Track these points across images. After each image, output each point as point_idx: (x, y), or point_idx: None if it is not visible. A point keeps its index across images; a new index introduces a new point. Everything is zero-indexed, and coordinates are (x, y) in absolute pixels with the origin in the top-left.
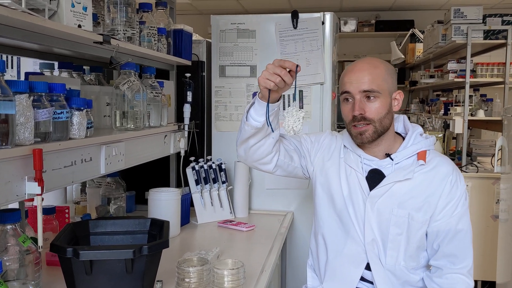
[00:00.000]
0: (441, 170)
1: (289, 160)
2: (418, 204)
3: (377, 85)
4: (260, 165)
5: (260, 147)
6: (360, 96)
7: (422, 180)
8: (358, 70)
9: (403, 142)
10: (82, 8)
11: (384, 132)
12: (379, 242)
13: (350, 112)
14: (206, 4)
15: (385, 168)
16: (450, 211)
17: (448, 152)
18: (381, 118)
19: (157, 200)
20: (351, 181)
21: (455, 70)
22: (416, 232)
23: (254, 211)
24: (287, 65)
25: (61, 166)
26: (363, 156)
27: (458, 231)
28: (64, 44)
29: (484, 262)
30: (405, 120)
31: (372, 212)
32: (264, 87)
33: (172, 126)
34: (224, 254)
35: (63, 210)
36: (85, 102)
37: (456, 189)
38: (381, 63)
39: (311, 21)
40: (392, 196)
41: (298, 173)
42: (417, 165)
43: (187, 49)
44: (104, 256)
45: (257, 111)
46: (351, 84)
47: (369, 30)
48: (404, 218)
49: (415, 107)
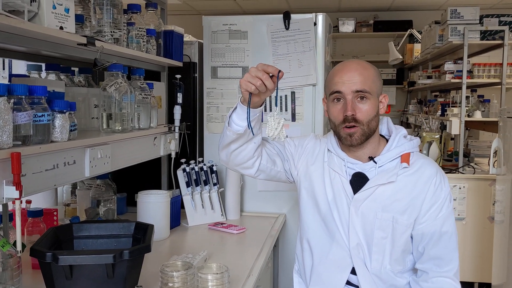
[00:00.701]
0: (425, 172)
1: (271, 165)
2: (402, 207)
3: (369, 86)
4: (242, 169)
5: (241, 151)
6: (351, 96)
7: (406, 183)
8: (349, 70)
9: (387, 144)
10: (64, 9)
11: (371, 135)
12: (364, 246)
13: (340, 112)
14: (204, 5)
15: (368, 171)
16: (434, 214)
17: (446, 153)
18: (369, 120)
19: (145, 202)
20: (335, 185)
21: (452, 71)
22: (401, 236)
23: (246, 213)
24: (269, 70)
25: (42, 169)
26: (347, 160)
27: (443, 233)
28: (47, 46)
29: (481, 263)
30: (389, 122)
31: (357, 216)
32: (245, 90)
33: (162, 128)
34: (212, 257)
35: (51, 213)
36: (67, 105)
37: (440, 191)
38: (370, 65)
39: (303, 22)
40: (376, 200)
41: (281, 177)
42: (400, 168)
43: (178, 50)
44: (83, 261)
45: (239, 116)
46: (343, 84)
47: (368, 31)
48: (388, 222)
49: (413, 108)
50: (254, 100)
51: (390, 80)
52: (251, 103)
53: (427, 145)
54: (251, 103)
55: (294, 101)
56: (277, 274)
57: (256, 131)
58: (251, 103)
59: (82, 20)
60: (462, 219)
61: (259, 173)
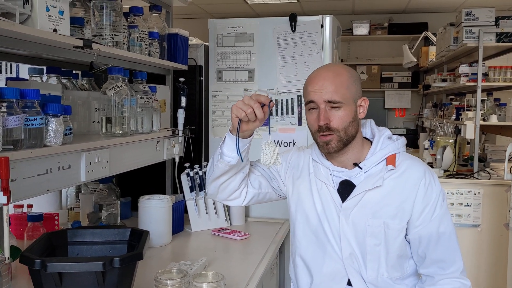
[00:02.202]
0: (412, 174)
1: (258, 188)
2: (392, 211)
3: (341, 94)
4: (230, 201)
5: (230, 183)
6: (324, 105)
7: (393, 186)
8: (320, 78)
9: (371, 148)
10: (58, 12)
11: (350, 141)
12: (358, 256)
13: (315, 121)
14: (217, 8)
15: (355, 178)
16: (428, 215)
17: (462, 157)
18: (345, 127)
19: (147, 207)
20: (323, 195)
21: (467, 74)
22: (394, 241)
23: (251, 218)
24: (261, 99)
25: (34, 174)
26: (332, 168)
27: (441, 234)
28: (43, 49)
29: (496, 271)
30: (372, 125)
31: (347, 225)
32: (236, 116)
33: (166, 132)
34: (213, 264)
35: (52, 217)
36: (62, 108)
37: (431, 191)
38: (345, 70)
39: (310, 24)
40: (365, 206)
41: (272, 197)
42: (386, 171)
43: (183, 54)
44: (72, 269)
45: (228, 147)
46: (315, 93)
47: (382, 33)
48: (379, 228)
49: (428, 112)
50: (243, 129)
51: (405, 84)
52: (240, 131)
53: (441, 149)
54: (240, 131)
55: (300, 105)
56: (283, 282)
57: (246, 160)
58: (240, 131)
59: (83, 23)
60: (477, 225)
61: (247, 200)
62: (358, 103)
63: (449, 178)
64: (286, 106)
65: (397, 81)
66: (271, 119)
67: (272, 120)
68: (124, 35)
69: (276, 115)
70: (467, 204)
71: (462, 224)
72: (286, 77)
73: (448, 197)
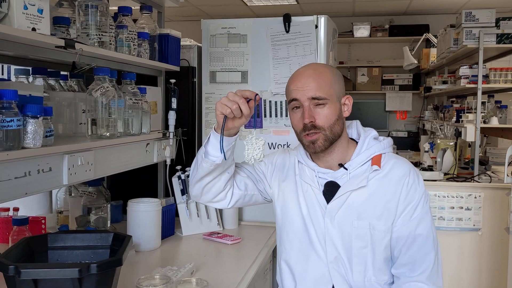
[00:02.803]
0: (397, 172)
1: (244, 191)
2: (378, 212)
3: (325, 91)
4: (215, 203)
5: (215, 184)
6: (308, 103)
7: (378, 187)
8: (303, 76)
9: (356, 148)
10: (36, 10)
11: (336, 139)
12: (344, 259)
13: (300, 121)
14: (216, 10)
15: (340, 179)
16: (408, 215)
17: (463, 160)
18: (331, 125)
19: (135, 211)
20: (308, 198)
21: (467, 76)
22: (380, 242)
23: (245, 222)
24: (247, 94)
25: (11, 177)
26: (317, 170)
27: (417, 236)
28: (23, 49)
29: (497, 276)
30: (358, 125)
31: (333, 227)
32: (221, 112)
33: (156, 134)
34: (201, 270)
35: (39, 221)
36: (41, 110)
37: (414, 191)
38: (327, 68)
39: (304, 24)
40: (350, 207)
41: (258, 200)
42: (371, 171)
43: (175, 54)
44: (47, 275)
45: (213, 146)
46: (298, 91)
47: (383, 35)
48: (365, 230)
49: (429, 114)
50: (229, 126)
51: (406, 86)
52: (225, 128)
53: (441, 152)
54: (225, 128)
55: None
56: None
57: (231, 160)
58: (225, 128)
59: (68, 23)
60: (478, 229)
61: (233, 203)
62: (342, 101)
63: (450, 181)
64: (280, 108)
65: (398, 83)
66: (264, 121)
67: (265, 122)
68: (111, 35)
69: (270, 117)
70: (468, 208)
71: (463, 228)
72: (280, 78)
73: (448, 200)
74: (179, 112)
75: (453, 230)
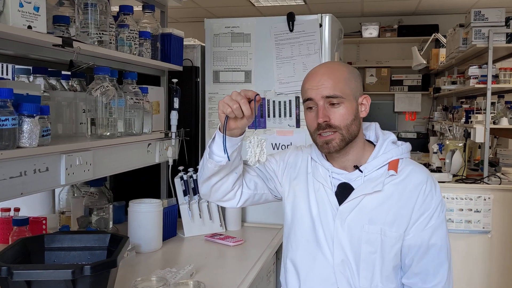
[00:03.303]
0: (414, 179)
1: (253, 189)
2: (390, 218)
3: (340, 89)
4: (224, 202)
5: (223, 184)
6: (323, 102)
7: (393, 192)
8: (318, 75)
9: (373, 151)
10: (32, 8)
11: (352, 140)
12: (351, 263)
13: (314, 120)
14: (223, 11)
15: (354, 181)
16: (422, 224)
17: (473, 162)
18: (347, 124)
19: (136, 212)
20: (319, 197)
21: (477, 76)
22: (391, 249)
23: (248, 223)
24: (248, 94)
25: (5, 177)
26: (332, 170)
27: (431, 245)
28: (21, 48)
29: (508, 280)
30: (377, 128)
31: (343, 230)
32: (222, 112)
33: (158, 134)
34: (201, 272)
35: (40, 221)
36: (37, 108)
37: (430, 200)
38: (343, 66)
39: (308, 23)
40: (362, 211)
41: (268, 198)
42: (387, 176)
43: (177, 54)
44: (40, 277)
45: (218, 146)
46: (312, 91)
47: (392, 35)
48: (376, 235)
49: (439, 115)
50: (231, 126)
51: (415, 86)
52: (227, 129)
53: (450, 153)
54: (227, 129)
55: (298, 107)
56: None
57: (238, 161)
58: (227, 128)
59: (68, 21)
60: (487, 232)
61: (242, 202)
62: (359, 101)
63: (458, 183)
64: (284, 108)
65: (407, 84)
66: (268, 121)
67: (269, 122)
68: (112, 34)
69: (273, 117)
70: (477, 210)
71: (472, 230)
72: (284, 78)
73: (457, 202)
74: (182, 112)
75: (462, 232)
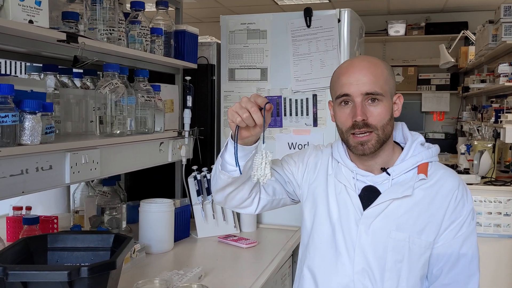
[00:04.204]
0: (445, 185)
1: (272, 195)
2: (420, 225)
3: (380, 86)
4: (241, 209)
5: (239, 192)
6: (361, 99)
7: (423, 197)
8: (357, 69)
9: (402, 153)
10: (34, 2)
11: (386, 141)
12: (374, 272)
13: (349, 117)
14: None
15: (381, 184)
16: (453, 232)
17: (503, 163)
18: (384, 124)
19: (147, 212)
20: (341, 200)
21: (507, 74)
22: (419, 259)
23: (263, 225)
24: (259, 101)
25: (5, 174)
26: (356, 171)
27: (461, 255)
28: (24, 43)
29: None
30: (404, 128)
31: (367, 236)
32: (232, 121)
33: (171, 133)
34: (210, 274)
35: (51, 220)
36: (40, 105)
37: (462, 207)
38: (381, 62)
39: (326, 18)
40: (389, 217)
41: (286, 202)
42: (417, 180)
43: (192, 51)
44: (35, 278)
45: (231, 155)
46: (351, 85)
47: (419, 33)
48: (403, 242)
49: (467, 115)
50: (243, 135)
51: (443, 86)
52: (239, 137)
53: (478, 154)
54: (239, 137)
55: (315, 105)
56: None
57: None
58: (239, 137)
59: (77, 18)
60: None
61: (260, 208)
62: (393, 100)
63: (487, 185)
64: (301, 106)
65: (435, 83)
66: (284, 120)
67: (285, 121)
68: (121, 30)
69: (290, 115)
70: (507, 214)
71: (501, 235)
72: (301, 75)
73: (485, 205)
74: (197, 111)
75: (490, 236)
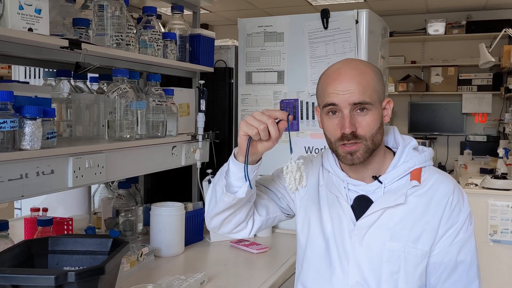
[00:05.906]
0: (439, 190)
1: (265, 215)
2: (415, 234)
3: (369, 95)
4: (235, 234)
5: (237, 214)
6: (349, 109)
7: (417, 204)
8: (344, 78)
9: (393, 160)
10: (34, 10)
11: (375, 150)
12: (371, 284)
13: (337, 128)
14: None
15: (373, 193)
16: (449, 239)
17: None
18: (373, 134)
19: (157, 215)
20: (334, 212)
21: None
22: (416, 269)
23: (280, 230)
24: (276, 115)
25: (3, 179)
26: (347, 181)
27: (459, 262)
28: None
29: None
30: (396, 133)
31: (361, 247)
32: (245, 133)
33: (185, 137)
34: (214, 280)
35: (65, 222)
36: (40, 111)
37: (458, 212)
38: (368, 67)
39: (343, 20)
40: (383, 226)
41: (281, 219)
42: (410, 187)
43: (207, 55)
44: (21, 282)
45: (235, 176)
46: (338, 96)
47: (459, 32)
48: (399, 253)
49: (510, 116)
50: (252, 151)
51: (485, 86)
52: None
53: None
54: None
55: None
56: None
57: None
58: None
59: (87, 24)
60: None
61: (255, 230)
62: (383, 105)
63: None
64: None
65: (476, 83)
66: (301, 124)
67: (302, 124)
68: (131, 35)
69: (306, 119)
70: None
71: None
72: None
73: None
74: (215, 114)
75: None
